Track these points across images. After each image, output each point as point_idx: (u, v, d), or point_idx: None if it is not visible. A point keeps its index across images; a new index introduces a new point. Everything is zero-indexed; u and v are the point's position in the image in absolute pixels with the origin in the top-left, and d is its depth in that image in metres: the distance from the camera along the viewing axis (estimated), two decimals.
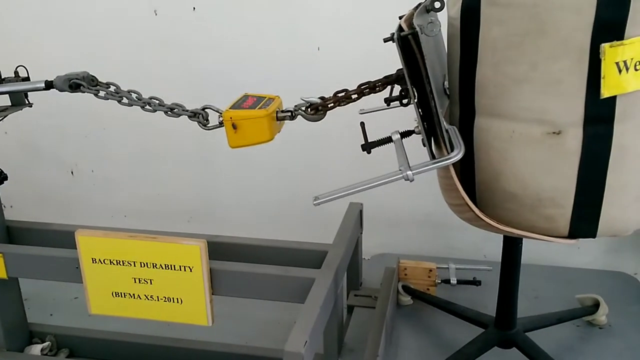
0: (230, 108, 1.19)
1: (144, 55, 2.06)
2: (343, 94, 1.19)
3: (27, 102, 1.49)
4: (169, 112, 1.25)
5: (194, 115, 1.24)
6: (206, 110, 1.24)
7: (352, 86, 1.20)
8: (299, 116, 1.22)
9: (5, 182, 1.55)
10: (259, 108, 1.18)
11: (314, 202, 1.07)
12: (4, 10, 2.14)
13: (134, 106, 1.26)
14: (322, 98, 1.20)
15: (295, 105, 1.22)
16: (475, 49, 1.03)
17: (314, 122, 1.23)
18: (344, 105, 1.20)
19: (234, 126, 1.17)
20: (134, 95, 1.26)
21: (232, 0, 1.95)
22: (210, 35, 2.00)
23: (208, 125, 1.24)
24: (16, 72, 1.43)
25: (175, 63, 2.05)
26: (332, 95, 1.19)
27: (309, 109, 1.21)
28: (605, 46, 0.92)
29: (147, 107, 1.25)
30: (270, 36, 1.97)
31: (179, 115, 1.25)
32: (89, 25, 2.09)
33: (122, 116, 2.00)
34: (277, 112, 1.21)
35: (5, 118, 1.44)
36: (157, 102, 1.25)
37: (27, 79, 1.42)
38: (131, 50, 2.06)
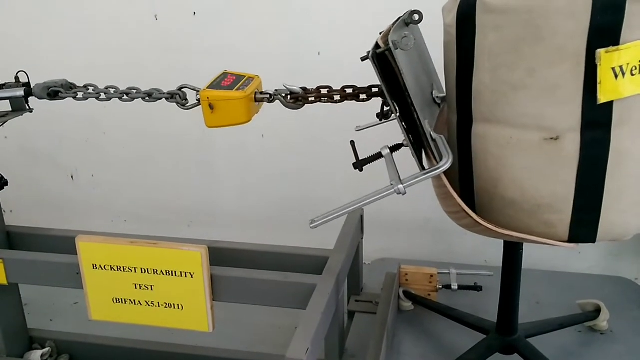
0: (207, 87, 1.17)
1: (144, 60, 2.06)
2: (326, 90, 1.19)
3: (27, 107, 1.49)
4: (147, 98, 1.26)
5: (171, 96, 1.25)
6: (183, 90, 1.24)
7: None
8: (279, 102, 1.22)
9: (5, 187, 1.55)
10: (237, 89, 1.16)
11: (311, 226, 1.09)
12: (4, 16, 2.14)
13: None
14: (304, 89, 1.20)
15: (276, 90, 1.22)
16: (472, 56, 1.03)
17: (294, 111, 1.22)
18: (324, 102, 1.20)
19: (211, 107, 1.15)
20: (111, 90, 1.27)
21: (233, 6, 1.96)
22: (210, 40, 2.00)
23: (187, 105, 1.24)
24: (17, 78, 1.42)
25: (175, 68, 2.05)
26: (315, 88, 1.19)
27: (288, 97, 1.21)
28: (601, 52, 0.92)
29: (125, 97, 1.27)
30: (271, 41, 1.97)
31: (157, 99, 1.25)
32: (90, 30, 2.09)
33: (121, 121, 2.00)
34: (255, 93, 1.20)
35: (6, 123, 1.44)
36: (135, 91, 1.26)
37: (27, 84, 1.42)
38: (131, 54, 2.07)
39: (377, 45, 1.03)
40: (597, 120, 0.97)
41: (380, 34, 1.07)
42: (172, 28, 2.03)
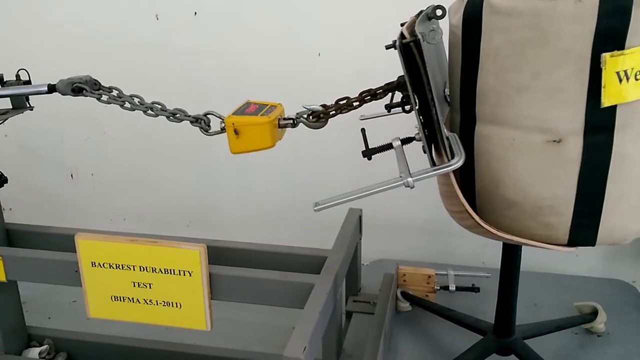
0: (232, 114, 1.19)
1: (145, 60, 2.07)
2: (344, 101, 1.19)
3: (28, 105, 1.49)
4: (171, 117, 1.25)
5: (196, 120, 1.24)
6: (208, 116, 1.24)
7: (352, 92, 1.20)
8: (301, 123, 1.23)
9: (5, 184, 1.55)
10: (261, 115, 1.18)
11: (315, 208, 1.07)
12: (5, 14, 2.14)
13: (135, 110, 1.26)
14: (323, 106, 1.21)
15: (297, 113, 1.22)
16: (477, 57, 1.04)
17: (319, 129, 1.23)
18: (345, 112, 1.20)
19: (236, 132, 1.17)
20: (136, 100, 1.26)
21: (233, 6, 1.96)
22: (211, 40, 2.01)
23: (210, 131, 1.24)
24: (17, 76, 1.43)
25: (176, 68, 2.06)
26: (333, 102, 1.20)
27: (310, 117, 1.22)
28: (606, 55, 0.92)
29: (150, 111, 1.25)
30: (271, 42, 1.97)
31: (181, 120, 1.25)
32: (90, 30, 2.09)
33: (122, 120, 2.01)
34: (279, 119, 1.21)
35: (6, 121, 1.45)
36: (160, 107, 1.25)
37: (28, 82, 1.42)
38: (132, 54, 2.07)
39: (402, 36, 1.02)
40: (600, 124, 0.98)
41: (402, 25, 1.06)
42: (173, 28, 2.03)
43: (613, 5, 0.91)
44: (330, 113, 1.20)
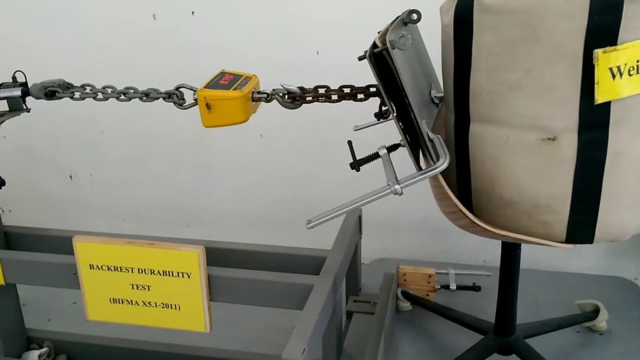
0: (204, 87, 1.17)
1: (142, 59, 2.06)
2: (324, 90, 1.19)
3: (25, 107, 1.48)
4: (144, 98, 1.26)
5: (168, 96, 1.25)
6: (180, 89, 1.24)
7: None
8: (276, 102, 1.22)
9: (3, 186, 1.55)
10: (234, 88, 1.16)
11: (307, 226, 1.09)
12: (2, 15, 2.14)
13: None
14: (301, 88, 1.20)
15: (273, 89, 1.22)
16: (469, 56, 1.03)
17: (293, 110, 1.23)
18: (322, 102, 1.20)
19: (208, 106, 1.15)
20: (108, 90, 1.27)
21: (231, 5, 1.95)
22: (209, 39, 2.00)
23: (184, 105, 1.24)
24: (14, 78, 1.42)
25: (174, 67, 2.05)
26: (312, 88, 1.19)
27: (286, 96, 1.21)
28: (598, 52, 0.91)
29: (122, 97, 1.27)
30: (270, 40, 1.96)
31: (154, 98, 1.25)
32: (87, 30, 2.09)
33: (120, 120, 2.00)
34: (253, 92, 1.20)
35: (3, 123, 1.44)
36: (132, 90, 1.27)
37: (25, 84, 1.42)
38: (130, 54, 2.06)
39: (374, 45, 1.03)
40: (594, 121, 0.97)
41: (379, 33, 1.07)
42: (170, 27, 2.02)
43: (604, 1, 0.90)
44: (306, 98, 1.20)
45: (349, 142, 1.15)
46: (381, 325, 1.41)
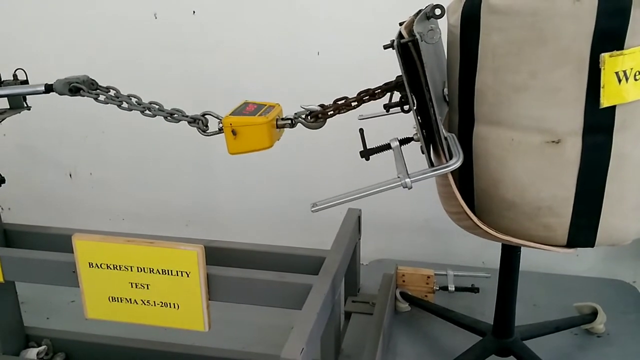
0: (230, 114, 1.19)
1: (143, 59, 2.06)
2: (343, 101, 1.19)
3: (25, 105, 1.48)
4: (169, 118, 1.24)
5: (193, 121, 1.24)
6: (206, 116, 1.24)
7: (351, 91, 1.19)
8: (299, 124, 1.22)
9: (3, 184, 1.55)
10: (259, 115, 1.18)
11: (312, 209, 1.06)
12: (2, 14, 2.14)
13: (133, 110, 1.25)
14: (322, 106, 1.20)
15: (295, 113, 1.22)
16: (475, 56, 1.03)
17: (318, 129, 1.22)
18: (344, 112, 1.20)
19: (234, 132, 1.17)
20: (133, 100, 1.25)
21: (232, 5, 1.95)
22: (210, 39, 2.00)
23: (207, 132, 1.24)
24: (15, 75, 1.42)
25: (174, 67, 2.05)
26: (332, 103, 1.19)
27: (308, 117, 1.21)
28: (605, 56, 0.92)
29: (147, 112, 1.25)
30: (270, 40, 1.96)
31: (178, 120, 1.24)
32: (88, 29, 2.08)
33: (120, 119, 2.00)
34: (277, 119, 1.21)
35: (4, 121, 1.44)
36: (157, 107, 1.25)
37: (25, 82, 1.42)
38: (130, 53, 2.06)
39: (400, 35, 1.02)
40: (599, 125, 0.97)
41: (401, 24, 1.06)
42: (171, 27, 2.02)
43: (612, 5, 0.90)
44: (329, 113, 1.20)
45: (361, 130, 1.13)
46: (379, 326, 1.41)
